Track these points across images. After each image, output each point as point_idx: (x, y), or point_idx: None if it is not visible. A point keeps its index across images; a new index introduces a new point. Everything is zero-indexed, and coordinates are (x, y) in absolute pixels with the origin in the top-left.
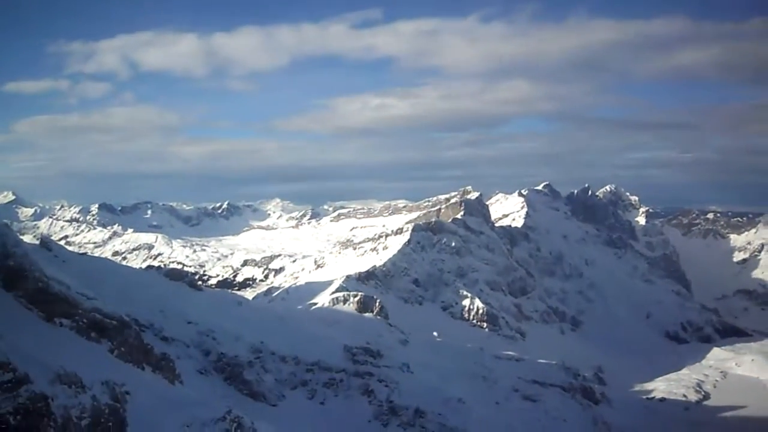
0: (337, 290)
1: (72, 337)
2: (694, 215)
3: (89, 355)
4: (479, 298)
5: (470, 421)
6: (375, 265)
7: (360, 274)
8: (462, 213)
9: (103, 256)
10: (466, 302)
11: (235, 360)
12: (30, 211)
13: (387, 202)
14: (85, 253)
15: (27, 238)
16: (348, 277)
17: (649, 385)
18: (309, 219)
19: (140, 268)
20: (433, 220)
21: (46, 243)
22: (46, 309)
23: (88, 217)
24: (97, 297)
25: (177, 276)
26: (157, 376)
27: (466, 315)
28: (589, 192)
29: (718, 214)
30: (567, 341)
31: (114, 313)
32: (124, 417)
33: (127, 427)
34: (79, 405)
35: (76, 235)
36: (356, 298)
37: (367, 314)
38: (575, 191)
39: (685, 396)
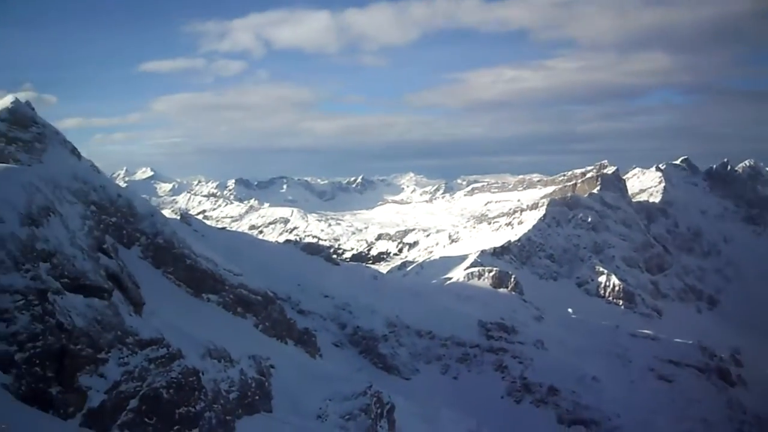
0: (472, 265)
1: (219, 313)
2: None
3: (236, 329)
4: (615, 274)
5: (604, 399)
6: (510, 240)
7: (495, 249)
8: (598, 188)
9: (240, 230)
10: (602, 279)
11: (371, 333)
12: (168, 186)
13: (521, 176)
14: (224, 228)
15: (166, 213)
16: (482, 251)
17: None
18: (443, 193)
19: (276, 242)
20: (569, 194)
21: (185, 218)
22: (194, 285)
23: (225, 192)
24: (242, 273)
25: (314, 250)
26: (299, 350)
27: (602, 292)
28: (728, 167)
29: None
30: (703, 321)
31: (259, 288)
32: (269, 390)
33: (272, 400)
34: (227, 379)
35: (214, 209)
36: (491, 273)
37: (501, 290)
38: (714, 166)
39: None
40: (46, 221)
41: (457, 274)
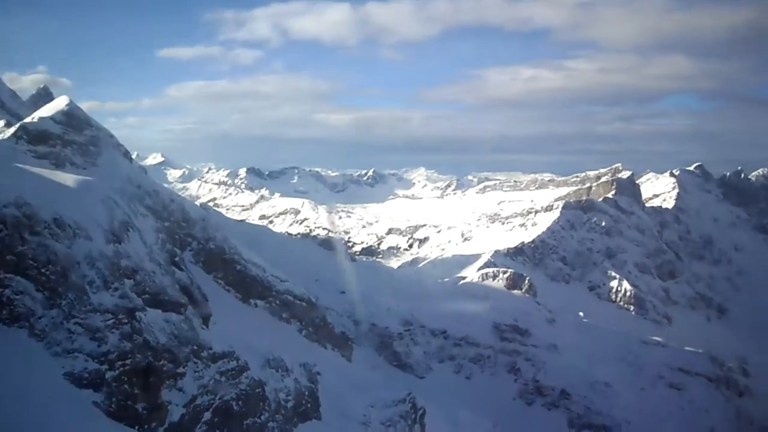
0: (486, 265)
1: (267, 318)
2: None
3: (283, 335)
4: (627, 280)
5: (615, 406)
6: (523, 242)
7: (508, 249)
8: (613, 192)
9: (249, 219)
10: (613, 284)
11: (386, 331)
12: (178, 173)
13: (533, 175)
14: (243, 220)
15: None
16: (496, 252)
17: None
18: (454, 189)
19: (286, 233)
20: (584, 198)
21: (204, 209)
22: (242, 291)
23: (236, 181)
24: (288, 279)
25: (331, 245)
26: (336, 354)
27: (613, 296)
28: (742, 175)
29: None
30: (712, 329)
31: (303, 294)
32: (318, 397)
33: (320, 407)
34: (285, 388)
35: (224, 197)
36: (506, 275)
37: (515, 291)
38: (727, 174)
39: None
40: (127, 237)
41: (471, 274)
